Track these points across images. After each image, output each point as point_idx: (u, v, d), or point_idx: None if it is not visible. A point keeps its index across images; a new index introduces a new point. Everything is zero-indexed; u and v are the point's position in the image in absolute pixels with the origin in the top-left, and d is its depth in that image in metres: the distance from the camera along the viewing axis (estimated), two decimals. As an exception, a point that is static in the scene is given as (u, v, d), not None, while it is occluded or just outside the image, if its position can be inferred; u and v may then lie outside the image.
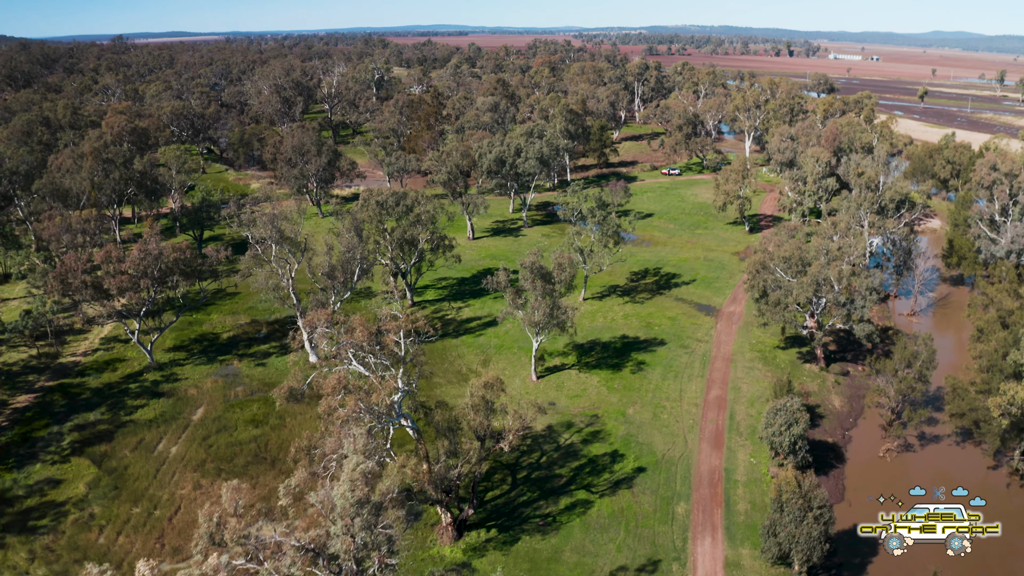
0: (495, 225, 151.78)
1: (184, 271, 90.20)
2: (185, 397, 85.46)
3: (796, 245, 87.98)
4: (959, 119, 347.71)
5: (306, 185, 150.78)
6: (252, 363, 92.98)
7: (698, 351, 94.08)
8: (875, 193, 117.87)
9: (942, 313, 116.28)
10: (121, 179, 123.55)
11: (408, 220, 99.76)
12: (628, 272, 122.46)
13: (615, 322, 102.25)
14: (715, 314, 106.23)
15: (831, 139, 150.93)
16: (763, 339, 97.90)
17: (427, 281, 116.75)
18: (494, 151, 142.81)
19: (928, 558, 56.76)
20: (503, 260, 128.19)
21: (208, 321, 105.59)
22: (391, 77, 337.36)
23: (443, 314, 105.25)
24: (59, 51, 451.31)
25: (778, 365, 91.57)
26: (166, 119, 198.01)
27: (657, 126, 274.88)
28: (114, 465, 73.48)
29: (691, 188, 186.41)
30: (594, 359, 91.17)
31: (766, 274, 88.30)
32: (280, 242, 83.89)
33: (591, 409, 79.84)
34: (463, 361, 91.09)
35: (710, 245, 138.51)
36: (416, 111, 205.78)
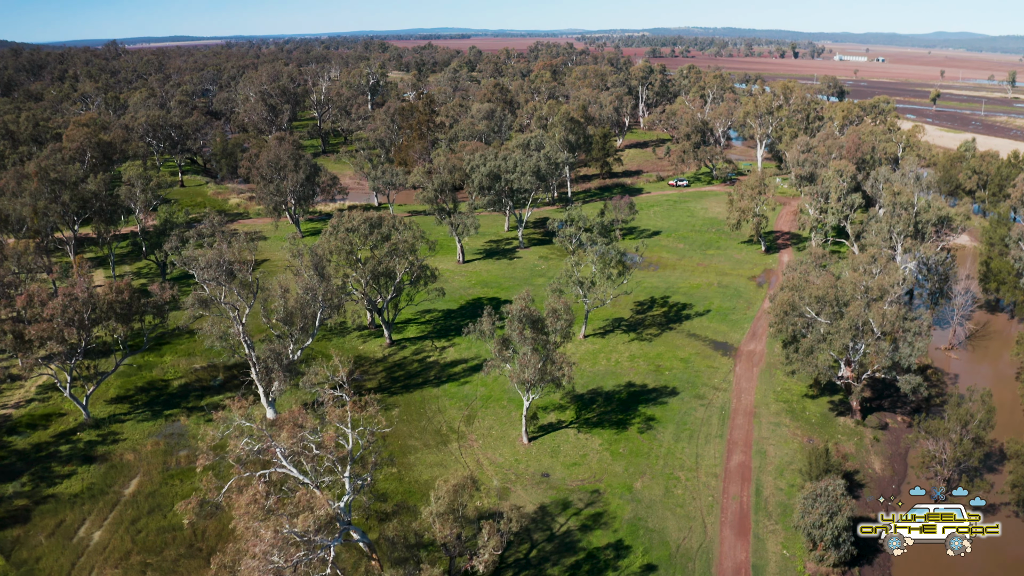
0: (488, 246, 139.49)
1: (121, 314, 78.16)
2: (120, 464, 73.29)
3: (830, 282, 75.50)
4: (974, 123, 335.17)
5: (284, 203, 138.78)
6: (202, 419, 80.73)
7: (715, 402, 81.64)
8: (910, 213, 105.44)
9: (983, 346, 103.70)
10: (73, 201, 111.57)
11: (384, 250, 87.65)
12: (634, 302, 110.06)
13: (620, 365, 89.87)
14: (733, 353, 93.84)
15: (853, 149, 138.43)
16: (789, 385, 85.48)
17: (409, 314, 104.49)
18: (487, 165, 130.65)
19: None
20: (495, 288, 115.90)
21: (160, 364, 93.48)
22: (387, 82, 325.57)
23: (424, 356, 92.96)
24: (50, 57, 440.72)
25: (808, 419, 79.12)
26: (141, 130, 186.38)
27: (663, 132, 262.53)
28: (25, 556, 61.35)
29: (700, 201, 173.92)
30: (595, 414, 78.77)
31: (795, 317, 75.89)
32: (228, 283, 71.75)
33: (592, 482, 67.45)
34: (444, 417, 78.75)
35: (724, 268, 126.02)
36: (408, 119, 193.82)
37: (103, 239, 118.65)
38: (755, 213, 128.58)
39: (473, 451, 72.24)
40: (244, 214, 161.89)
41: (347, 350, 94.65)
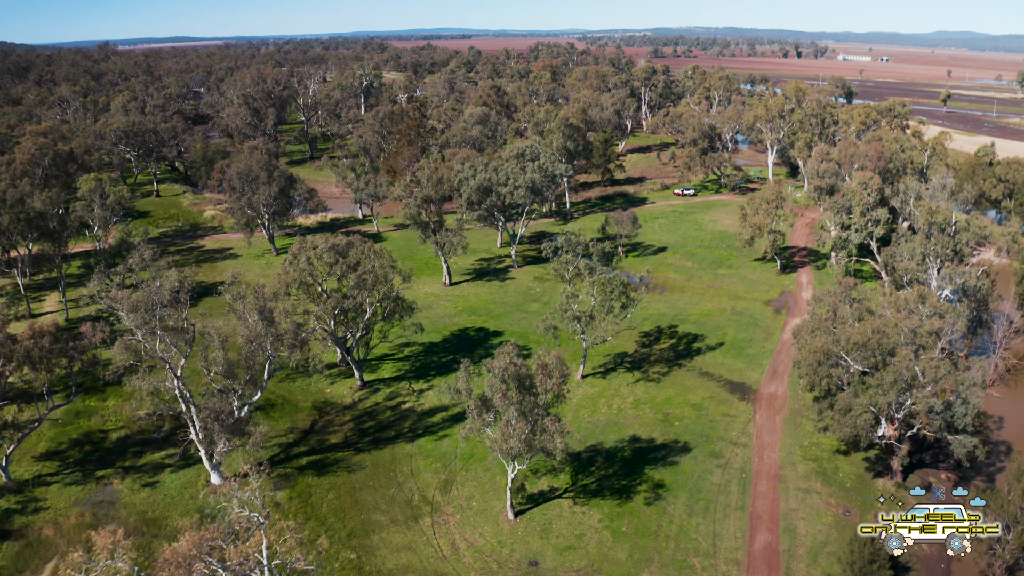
0: (478, 264, 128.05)
1: (40, 361, 66.95)
2: (37, 541, 61.97)
3: (872, 326, 63.98)
4: (986, 125, 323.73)
5: (256, 217, 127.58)
6: (138, 482, 69.40)
7: (734, 462, 70.21)
8: (948, 234, 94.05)
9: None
10: (13, 221, 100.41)
11: (351, 282, 76.40)
12: (639, 333, 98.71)
13: (623, 413, 78.43)
14: (752, 397, 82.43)
15: (876, 158, 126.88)
16: (817, 438, 74.01)
17: (386, 348, 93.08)
18: (477, 177, 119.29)
19: None
20: (484, 316, 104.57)
21: (101, 410, 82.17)
22: (381, 84, 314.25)
23: (400, 401, 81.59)
24: (39, 59, 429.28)
25: (842, 483, 67.72)
26: (114, 136, 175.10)
27: (667, 136, 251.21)
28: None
29: (709, 212, 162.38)
30: (595, 479, 67.37)
31: (830, 367, 64.49)
32: (156, 331, 60.55)
33: (589, 573, 56.05)
34: (417, 482, 67.37)
35: (737, 291, 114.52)
36: (397, 124, 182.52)
37: (53, 261, 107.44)
38: (771, 229, 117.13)
39: (448, 529, 60.90)
40: (219, 228, 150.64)
41: (312, 393, 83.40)
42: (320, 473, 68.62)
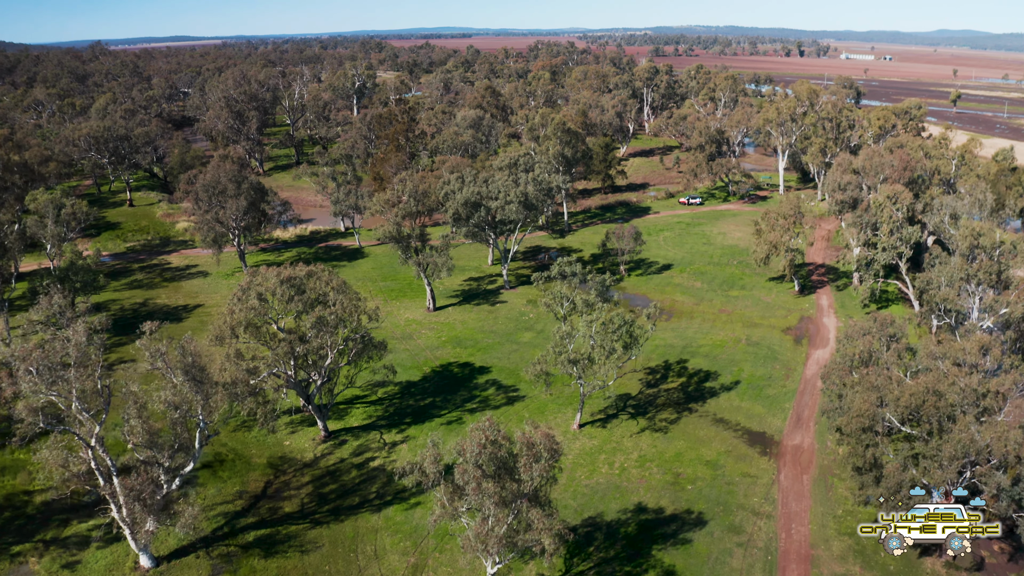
0: (466, 285, 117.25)
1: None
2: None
3: (927, 383, 53.13)
4: (999, 126, 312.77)
5: (226, 233, 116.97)
6: (57, 562, 58.76)
7: (757, 538, 59.48)
8: (993, 259, 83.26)
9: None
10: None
11: (308, 322, 65.75)
12: (643, 368, 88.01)
13: (626, 474, 67.65)
14: (774, 451, 71.67)
15: (902, 168, 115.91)
16: (852, 507, 63.25)
17: (357, 390, 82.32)
18: (465, 191, 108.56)
19: None
20: (471, 348, 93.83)
21: (29, 465, 71.51)
22: (374, 84, 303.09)
23: (368, 456, 70.82)
24: (27, 59, 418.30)
25: (884, 566, 56.80)
26: (84, 143, 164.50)
27: (670, 139, 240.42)
28: None
29: (717, 223, 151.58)
30: (593, 565, 56.55)
31: (876, 436, 53.70)
32: (63, 395, 49.97)
33: None
34: (381, 566, 56.61)
35: (751, 316, 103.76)
36: (386, 128, 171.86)
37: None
38: (789, 248, 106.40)
39: (415, 636, 50.27)
40: (190, 242, 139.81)
41: (269, 445, 72.67)
42: (268, 554, 57.95)
